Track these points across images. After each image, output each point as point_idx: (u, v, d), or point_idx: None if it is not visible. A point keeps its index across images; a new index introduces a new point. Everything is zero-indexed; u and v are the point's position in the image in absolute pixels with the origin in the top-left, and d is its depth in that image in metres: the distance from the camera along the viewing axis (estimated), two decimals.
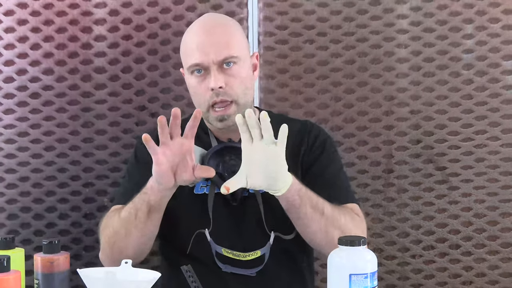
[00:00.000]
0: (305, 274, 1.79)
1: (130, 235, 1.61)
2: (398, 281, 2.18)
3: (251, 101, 1.73)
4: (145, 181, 1.66)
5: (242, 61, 1.67)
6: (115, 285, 1.28)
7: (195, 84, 1.68)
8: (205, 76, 1.65)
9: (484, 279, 2.17)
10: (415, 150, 2.15)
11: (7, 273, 1.34)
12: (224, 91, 1.64)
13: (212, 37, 1.65)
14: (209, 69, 1.64)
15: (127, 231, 1.60)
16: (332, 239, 1.55)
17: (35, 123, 2.10)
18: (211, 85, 1.63)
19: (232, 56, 1.64)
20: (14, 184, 2.10)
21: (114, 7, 2.10)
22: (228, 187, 1.47)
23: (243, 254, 1.65)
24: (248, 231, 1.68)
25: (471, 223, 2.16)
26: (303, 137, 1.77)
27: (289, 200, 1.55)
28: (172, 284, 1.73)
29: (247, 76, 1.70)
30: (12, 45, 2.08)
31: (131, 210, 1.60)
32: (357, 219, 1.65)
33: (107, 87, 2.11)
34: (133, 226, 1.60)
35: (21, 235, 2.10)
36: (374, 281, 1.32)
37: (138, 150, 1.78)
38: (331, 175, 1.74)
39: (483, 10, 2.13)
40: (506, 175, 2.15)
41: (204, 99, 1.66)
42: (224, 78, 1.64)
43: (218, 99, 1.64)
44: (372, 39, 2.14)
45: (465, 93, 2.15)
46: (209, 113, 1.68)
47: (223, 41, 1.65)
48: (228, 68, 1.65)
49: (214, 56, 1.63)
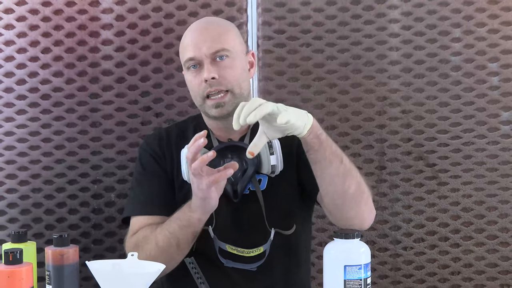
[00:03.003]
0: (303, 267, 1.78)
1: (171, 259, 1.58)
2: (390, 271, 2.18)
3: (247, 95, 1.70)
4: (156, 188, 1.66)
5: (235, 55, 1.66)
6: (122, 277, 1.28)
7: (191, 78, 1.67)
8: (199, 70, 1.65)
9: (471, 269, 2.17)
10: (406, 148, 2.15)
11: (20, 265, 1.35)
12: (218, 81, 1.63)
13: (205, 33, 1.66)
14: (203, 62, 1.63)
15: (168, 256, 1.57)
16: (348, 188, 1.53)
17: (46, 123, 2.09)
18: (204, 76, 1.62)
19: (224, 48, 1.64)
20: (26, 181, 2.09)
21: (120, 12, 2.10)
22: (252, 152, 1.41)
23: (247, 250, 1.64)
24: (249, 228, 1.67)
25: (459, 217, 2.16)
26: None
27: (309, 141, 1.48)
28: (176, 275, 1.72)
29: (242, 70, 1.68)
30: (24, 49, 2.08)
31: (171, 241, 1.56)
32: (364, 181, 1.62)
33: (114, 89, 2.11)
34: (175, 254, 1.57)
35: (33, 229, 2.09)
36: (367, 272, 1.32)
37: (142, 159, 1.76)
38: None
39: (470, 15, 2.13)
40: (492, 171, 2.15)
41: (199, 90, 1.65)
42: (217, 70, 1.63)
43: (212, 89, 1.63)
44: (365, 43, 2.13)
45: (454, 94, 2.15)
46: (205, 103, 1.66)
47: (215, 36, 1.65)
48: (221, 61, 1.64)
49: (207, 49, 1.63)
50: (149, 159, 1.74)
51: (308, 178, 1.62)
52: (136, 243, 1.62)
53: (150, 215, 1.67)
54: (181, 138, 1.75)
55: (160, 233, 1.59)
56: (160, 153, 1.74)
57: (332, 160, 1.52)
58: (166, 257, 1.55)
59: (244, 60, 1.71)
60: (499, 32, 2.13)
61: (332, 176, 1.54)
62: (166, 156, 1.74)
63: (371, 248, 1.37)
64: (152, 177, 1.72)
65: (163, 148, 1.75)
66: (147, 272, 1.29)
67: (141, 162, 1.76)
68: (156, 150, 1.74)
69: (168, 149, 1.74)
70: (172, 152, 1.73)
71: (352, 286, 1.30)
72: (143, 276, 1.28)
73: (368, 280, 1.32)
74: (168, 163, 1.73)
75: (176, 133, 1.78)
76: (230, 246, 1.63)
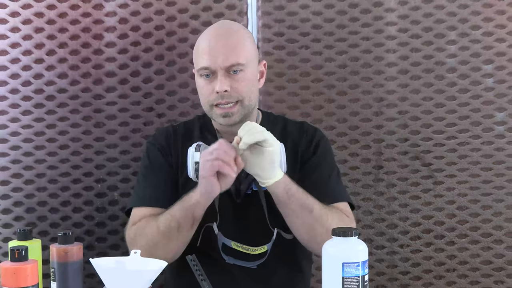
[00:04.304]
0: (303, 267, 1.78)
1: (172, 245, 1.58)
2: (387, 269, 2.17)
3: (255, 105, 1.71)
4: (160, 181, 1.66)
5: (248, 68, 1.65)
6: (125, 274, 1.27)
7: (202, 85, 1.66)
8: (212, 79, 1.64)
9: (466, 267, 2.17)
10: (403, 147, 2.15)
11: (25, 262, 1.34)
12: (229, 94, 1.62)
13: (222, 43, 1.63)
14: (216, 73, 1.62)
15: (169, 241, 1.58)
16: (315, 236, 1.56)
17: (51, 123, 2.09)
18: (216, 88, 1.61)
19: (239, 63, 1.62)
20: (31, 180, 2.09)
21: (123, 15, 2.09)
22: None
23: (252, 248, 1.63)
24: (253, 227, 1.66)
25: (454, 215, 2.16)
26: (300, 138, 1.76)
27: (277, 195, 1.56)
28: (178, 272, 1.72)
29: (252, 82, 1.68)
30: (30, 51, 2.07)
31: (172, 224, 1.57)
32: (346, 220, 1.63)
33: (117, 90, 2.11)
34: (175, 238, 1.58)
35: (38, 227, 2.09)
36: (365, 269, 1.32)
37: (150, 153, 1.75)
38: (322, 174, 1.71)
39: (465, 18, 2.12)
40: (486, 170, 2.15)
41: (209, 99, 1.65)
42: (230, 82, 1.62)
43: (223, 101, 1.63)
44: (363, 45, 2.13)
45: (449, 95, 2.14)
46: (213, 110, 1.66)
47: (232, 48, 1.63)
48: (234, 75, 1.63)
49: (222, 61, 1.61)
50: (156, 154, 1.74)
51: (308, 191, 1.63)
52: (137, 230, 1.63)
53: (152, 207, 1.66)
54: (187, 136, 1.75)
55: (162, 216, 1.59)
56: (167, 149, 1.74)
57: (300, 212, 1.57)
58: (166, 241, 1.56)
59: (256, 70, 1.70)
60: (494, 34, 2.12)
61: (298, 225, 1.60)
62: (172, 152, 1.74)
63: (369, 246, 1.37)
64: (157, 171, 1.72)
65: (170, 144, 1.75)
66: (149, 269, 1.29)
67: (148, 156, 1.76)
68: (163, 145, 1.75)
69: (175, 146, 1.74)
70: (178, 149, 1.73)
71: (350, 283, 1.29)
72: (145, 273, 1.28)
73: (365, 277, 1.31)
74: (174, 159, 1.73)
75: (183, 132, 1.78)
76: (235, 243, 1.63)
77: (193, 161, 1.56)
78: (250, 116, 1.71)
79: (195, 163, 1.55)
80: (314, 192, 1.62)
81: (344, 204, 1.69)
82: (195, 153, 1.56)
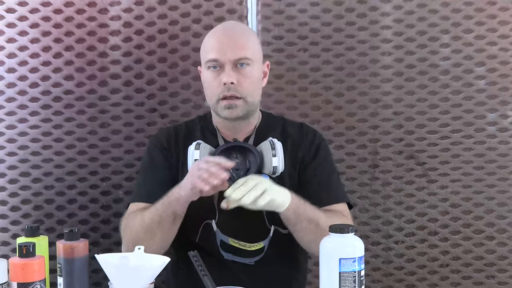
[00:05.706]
0: (300, 263, 1.78)
1: (154, 238, 1.58)
2: (383, 264, 2.18)
3: (257, 103, 1.72)
4: (158, 179, 1.66)
5: (255, 65, 1.67)
6: (129, 269, 1.28)
7: (209, 78, 1.67)
8: (219, 72, 1.64)
9: (459, 262, 2.17)
10: (398, 147, 2.15)
11: (33, 258, 1.35)
12: (235, 87, 1.63)
13: (231, 38, 1.65)
14: (224, 66, 1.63)
15: (152, 235, 1.58)
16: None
17: (58, 123, 2.09)
18: (224, 79, 1.62)
19: (246, 57, 1.64)
20: (39, 179, 2.10)
21: (127, 19, 2.09)
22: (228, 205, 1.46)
23: (248, 244, 1.64)
24: (250, 224, 1.66)
25: (447, 212, 2.16)
26: (301, 139, 1.76)
27: (287, 218, 1.57)
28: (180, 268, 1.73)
29: (257, 79, 1.69)
30: (37, 54, 2.08)
31: (155, 217, 1.57)
32: (345, 220, 1.64)
33: (122, 92, 2.11)
34: (157, 231, 1.58)
35: (45, 224, 2.09)
36: (361, 264, 1.32)
37: (151, 151, 1.76)
38: (323, 176, 1.72)
39: (458, 22, 2.13)
40: (478, 169, 2.15)
41: (216, 92, 1.65)
42: (236, 76, 1.63)
43: (228, 93, 1.64)
44: (359, 48, 2.13)
45: (443, 96, 2.15)
46: (219, 103, 1.66)
47: (240, 43, 1.65)
48: (241, 68, 1.64)
49: (230, 54, 1.63)
50: (157, 152, 1.75)
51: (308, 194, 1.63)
52: (126, 222, 1.65)
53: (147, 203, 1.66)
54: (188, 136, 1.76)
55: (148, 210, 1.60)
56: (168, 148, 1.75)
57: (307, 227, 1.58)
58: (150, 236, 1.57)
59: (260, 69, 1.71)
60: (486, 38, 2.12)
61: (307, 240, 1.62)
62: (173, 152, 1.74)
63: (365, 242, 1.37)
64: (156, 169, 1.72)
65: (171, 144, 1.75)
66: (152, 265, 1.29)
67: (149, 154, 1.76)
68: (165, 144, 1.75)
69: (176, 146, 1.75)
70: (179, 149, 1.74)
71: (347, 278, 1.30)
72: (149, 268, 1.28)
73: (362, 272, 1.32)
74: (174, 158, 1.73)
75: (184, 132, 1.78)
76: (232, 239, 1.63)
77: (193, 159, 1.58)
78: (253, 114, 1.72)
79: (194, 161, 1.57)
80: (315, 194, 1.64)
81: (343, 204, 1.71)
82: (195, 151, 1.58)
